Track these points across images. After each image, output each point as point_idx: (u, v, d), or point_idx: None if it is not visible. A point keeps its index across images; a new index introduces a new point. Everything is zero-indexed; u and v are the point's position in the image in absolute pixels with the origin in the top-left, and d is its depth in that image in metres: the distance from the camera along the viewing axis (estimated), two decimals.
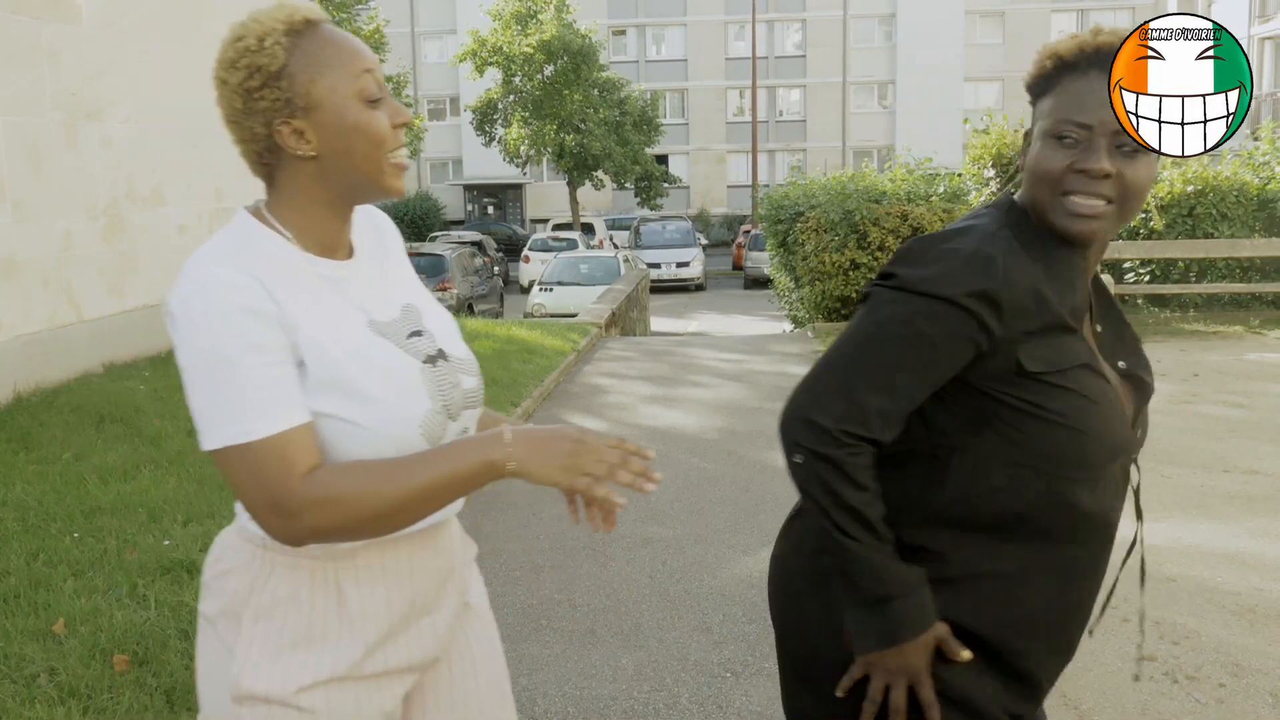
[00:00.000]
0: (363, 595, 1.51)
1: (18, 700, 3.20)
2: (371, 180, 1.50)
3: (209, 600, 1.55)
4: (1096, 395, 1.54)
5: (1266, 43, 31.57)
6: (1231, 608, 4.18)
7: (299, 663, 1.48)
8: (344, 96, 1.47)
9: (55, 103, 8.10)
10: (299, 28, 1.48)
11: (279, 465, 1.37)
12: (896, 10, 45.69)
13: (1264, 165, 12.63)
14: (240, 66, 1.47)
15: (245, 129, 1.50)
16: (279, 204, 1.52)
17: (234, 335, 1.37)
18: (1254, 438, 6.85)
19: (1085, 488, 1.56)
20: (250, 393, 1.37)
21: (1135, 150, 1.53)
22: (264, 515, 1.39)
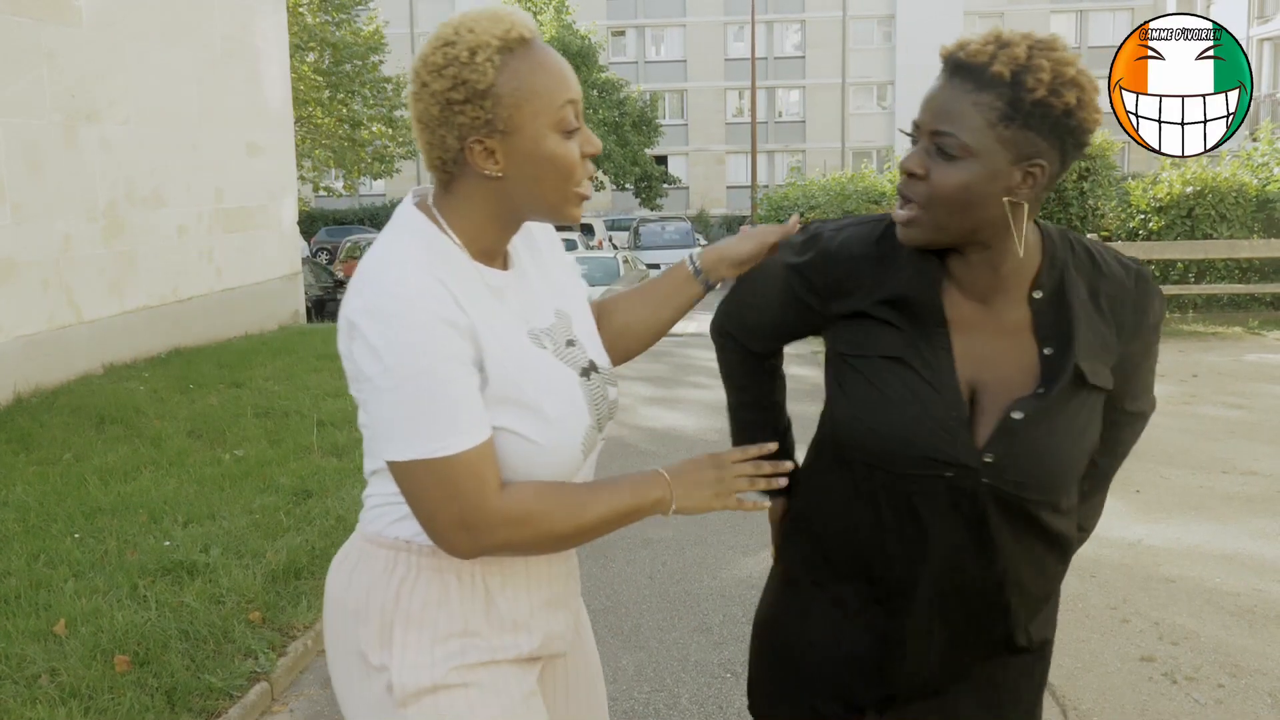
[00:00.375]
0: (508, 598, 1.52)
1: (19, 701, 3.21)
2: (554, 208, 1.48)
3: (359, 629, 1.50)
4: (893, 390, 1.57)
5: (1265, 44, 31.58)
6: (1230, 608, 4.19)
7: (456, 649, 1.48)
8: (544, 126, 1.42)
9: (54, 104, 8.11)
10: (513, 45, 1.41)
11: (475, 482, 1.37)
12: (895, 11, 45.70)
13: (1263, 166, 12.63)
14: (446, 75, 1.40)
15: (435, 136, 1.44)
16: (451, 210, 1.48)
17: (433, 346, 1.35)
18: (1253, 439, 6.86)
19: (885, 482, 1.59)
20: (448, 407, 1.35)
21: (953, 156, 1.46)
22: (451, 531, 1.38)
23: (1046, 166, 1.47)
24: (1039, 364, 1.56)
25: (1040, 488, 1.56)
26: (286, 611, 3.97)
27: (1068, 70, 1.43)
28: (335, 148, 26.10)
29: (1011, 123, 1.43)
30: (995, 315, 1.58)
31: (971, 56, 1.44)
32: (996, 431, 1.54)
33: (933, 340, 1.57)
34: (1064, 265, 1.58)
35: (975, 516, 1.57)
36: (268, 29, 11.90)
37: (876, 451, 1.58)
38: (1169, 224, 12.01)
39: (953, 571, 1.61)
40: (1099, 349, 1.57)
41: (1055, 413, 1.54)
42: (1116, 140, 12.43)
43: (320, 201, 42.61)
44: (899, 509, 1.60)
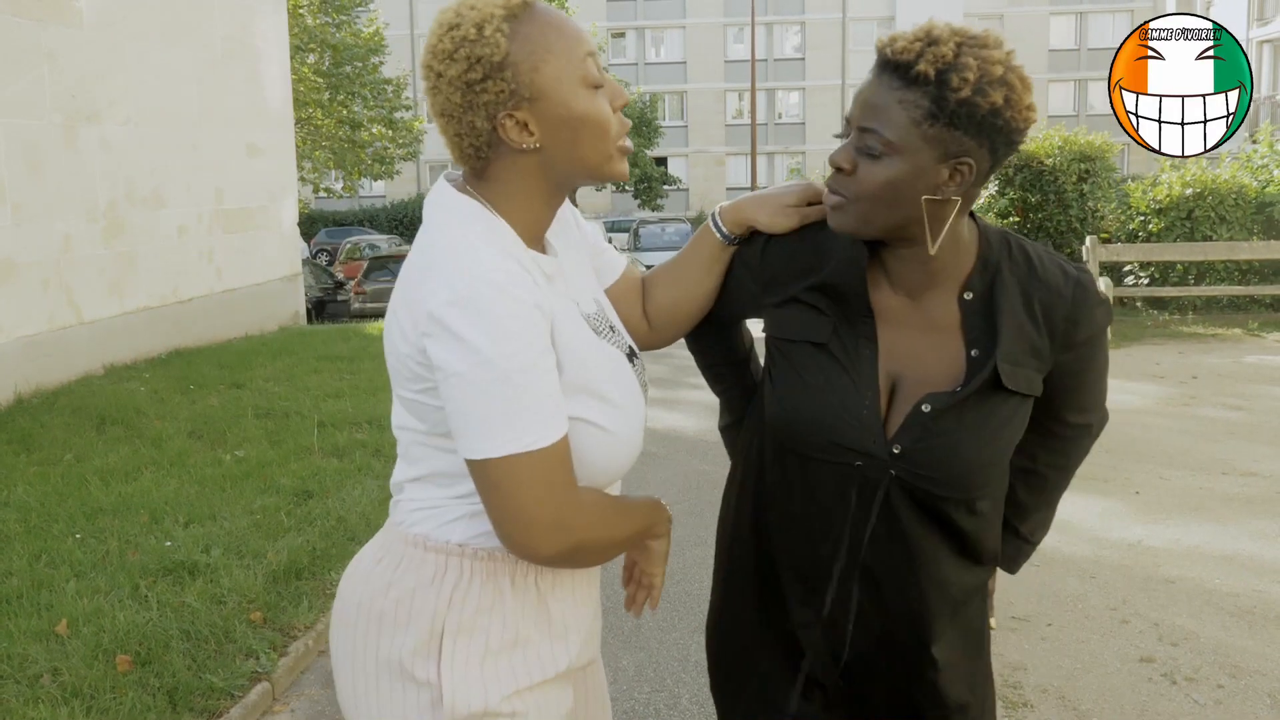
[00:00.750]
0: (559, 599, 1.49)
1: (21, 700, 3.21)
2: (597, 168, 1.43)
3: (396, 637, 1.43)
4: (812, 376, 1.59)
5: (1265, 45, 31.60)
6: (1230, 609, 4.19)
7: (506, 669, 1.43)
8: (569, 84, 1.37)
9: (55, 105, 8.11)
10: (517, 11, 1.37)
11: (564, 474, 1.33)
12: (895, 13, 45.70)
13: (1262, 168, 12.64)
14: (459, 58, 1.35)
15: (464, 123, 1.38)
16: (493, 195, 1.43)
17: (532, 335, 1.30)
18: (1252, 440, 6.86)
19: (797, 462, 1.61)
20: (544, 398, 1.31)
21: (878, 153, 1.46)
22: (544, 530, 1.32)
23: (975, 165, 1.46)
24: (964, 364, 1.56)
25: (949, 484, 1.55)
26: (287, 612, 3.98)
27: (995, 69, 1.42)
28: (335, 149, 26.11)
29: (936, 121, 1.43)
30: (924, 311, 1.59)
31: (899, 54, 1.44)
32: (906, 423, 1.55)
33: (857, 329, 1.59)
34: (998, 268, 1.57)
35: (885, 509, 1.58)
36: (268, 30, 11.91)
37: (792, 435, 1.59)
38: (1169, 226, 12.02)
39: (868, 565, 1.61)
40: (1026, 355, 1.55)
41: (967, 410, 1.54)
42: (1116, 142, 12.45)
43: (320, 203, 42.61)
44: (814, 497, 1.62)
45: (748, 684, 1.77)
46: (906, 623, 1.64)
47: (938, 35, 1.44)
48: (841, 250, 1.61)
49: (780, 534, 1.68)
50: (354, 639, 1.47)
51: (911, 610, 1.63)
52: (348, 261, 25.87)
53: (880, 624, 1.65)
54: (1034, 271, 1.58)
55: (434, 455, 1.44)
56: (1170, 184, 12.11)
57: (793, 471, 1.62)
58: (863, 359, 1.58)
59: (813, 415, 1.58)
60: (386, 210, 41.76)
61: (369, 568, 1.49)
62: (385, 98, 27.22)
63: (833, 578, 1.63)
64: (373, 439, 6.48)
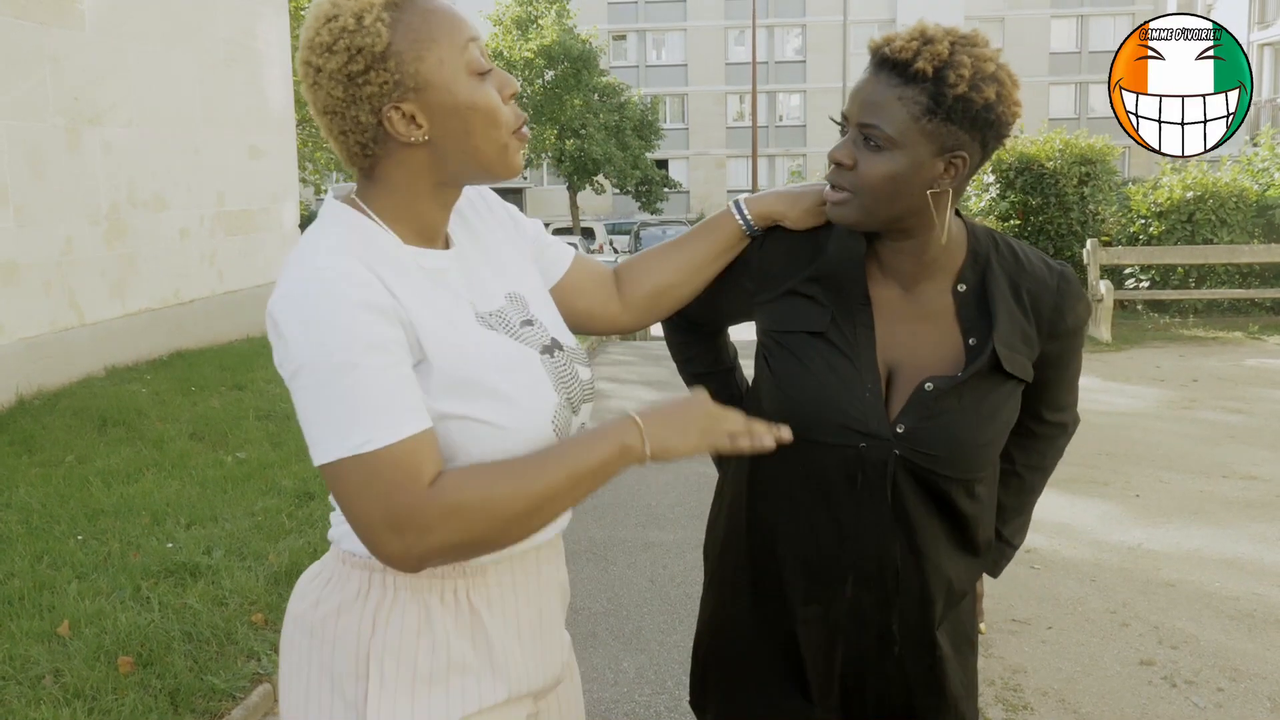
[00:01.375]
0: (495, 616, 1.40)
1: (23, 701, 3.22)
2: (492, 160, 1.37)
3: (325, 654, 1.37)
4: (812, 363, 1.62)
5: (1266, 49, 31.62)
6: (1230, 612, 4.20)
7: (439, 701, 1.35)
8: (453, 71, 1.32)
9: (57, 107, 8.13)
10: (398, 0, 1.32)
11: (402, 476, 1.22)
12: (896, 16, 45.71)
13: (1263, 171, 12.65)
14: (339, 49, 1.29)
15: (348, 119, 1.33)
16: (378, 195, 1.37)
17: (353, 334, 1.23)
18: (1253, 443, 6.87)
19: (800, 450, 1.60)
20: (372, 398, 1.23)
21: (879, 147, 1.52)
22: (383, 535, 1.23)
23: (968, 158, 1.54)
24: (961, 352, 1.62)
25: (951, 462, 1.59)
26: None
27: (987, 66, 1.50)
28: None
29: (934, 116, 1.49)
30: (918, 302, 1.64)
31: (897, 53, 1.50)
32: (909, 403, 1.59)
33: (854, 318, 1.63)
34: (987, 259, 1.64)
35: (890, 492, 1.60)
36: (270, 33, 11.92)
37: (795, 420, 1.60)
38: (1169, 229, 12.02)
39: (871, 555, 1.63)
40: (1018, 340, 1.62)
41: (966, 390, 1.59)
42: (1117, 145, 12.45)
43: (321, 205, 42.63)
44: (817, 486, 1.64)
45: (746, 688, 1.78)
46: (909, 614, 1.66)
47: (932, 35, 1.51)
48: (838, 241, 1.65)
49: (781, 530, 1.69)
50: (290, 653, 1.42)
51: (914, 601, 1.66)
52: None
53: (881, 617, 1.66)
54: (1021, 264, 1.66)
55: None
56: (1171, 187, 12.11)
57: (793, 462, 1.63)
58: (861, 345, 1.62)
59: (816, 398, 1.61)
60: None
61: (307, 582, 1.45)
62: None
63: (838, 569, 1.65)
64: None
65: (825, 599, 1.67)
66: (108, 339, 8.71)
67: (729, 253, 1.73)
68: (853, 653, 1.68)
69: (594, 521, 5.41)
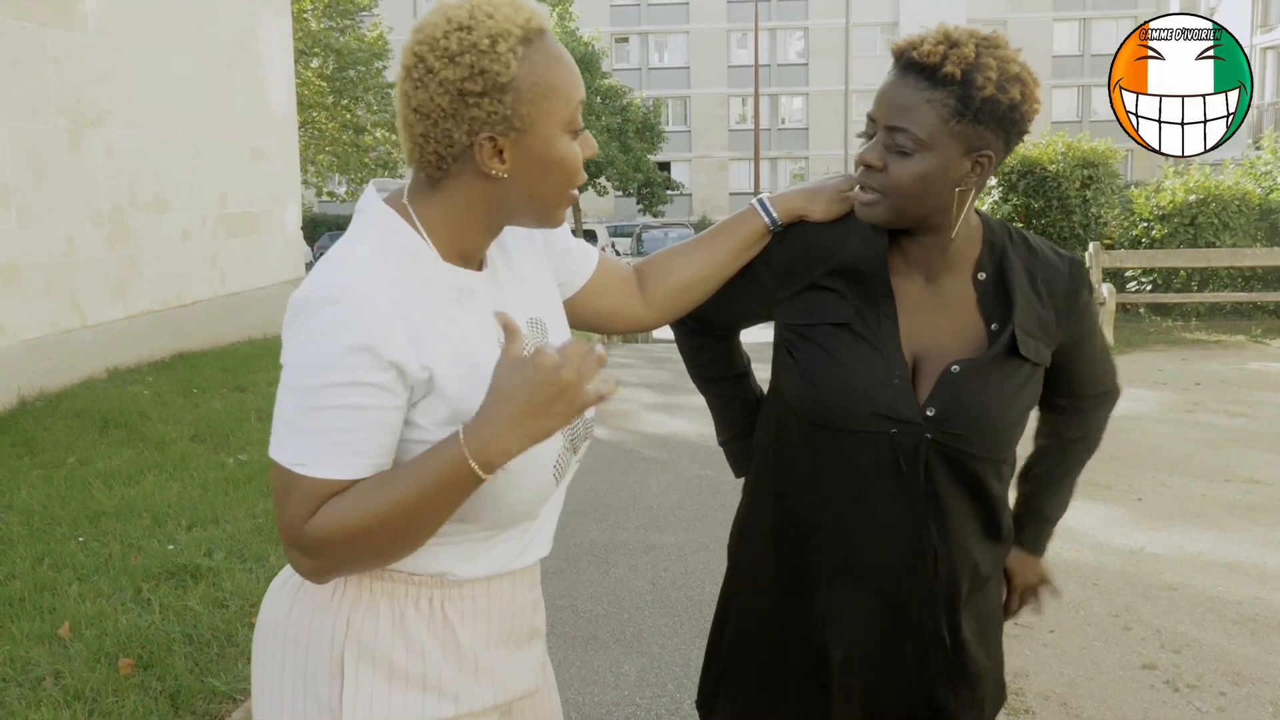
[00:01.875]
0: (467, 628, 1.42)
1: (24, 703, 3.22)
2: (548, 211, 1.40)
3: (299, 658, 1.38)
4: (839, 353, 1.64)
5: (1268, 52, 31.62)
6: (1233, 617, 4.19)
7: (415, 701, 1.38)
8: (556, 126, 1.33)
9: (59, 109, 8.13)
10: (533, 36, 1.30)
11: (303, 508, 1.27)
12: (899, 19, 45.74)
13: (1266, 175, 12.65)
14: (462, 63, 1.27)
15: (439, 128, 1.30)
16: (432, 207, 1.36)
17: (341, 368, 1.25)
18: (1255, 447, 6.86)
19: (830, 440, 1.64)
20: (328, 429, 1.26)
21: (908, 150, 1.55)
22: (287, 547, 1.30)
23: (994, 156, 1.58)
24: (984, 337, 1.66)
25: (980, 441, 1.62)
26: None
27: (1012, 67, 1.54)
28: (338, 153, 26.16)
29: (962, 118, 1.53)
30: (939, 293, 1.68)
31: (925, 57, 1.53)
32: (936, 386, 1.62)
33: (878, 308, 1.65)
34: (1003, 248, 1.69)
35: (922, 478, 1.62)
36: (272, 34, 11.93)
37: (825, 409, 1.64)
38: (1172, 232, 12.02)
39: (903, 541, 1.65)
40: (1036, 326, 1.66)
41: (989, 372, 1.63)
42: (1119, 148, 12.45)
43: (324, 206, 42.66)
44: (848, 476, 1.65)
45: (768, 689, 1.78)
46: (937, 599, 1.68)
47: (957, 38, 1.54)
48: (859, 236, 1.67)
49: (810, 523, 1.70)
50: (263, 659, 1.43)
51: (942, 587, 1.68)
52: None
53: (909, 603, 1.68)
54: (1034, 252, 1.71)
55: None
56: (1173, 190, 12.11)
57: (824, 453, 1.66)
58: (886, 335, 1.64)
59: (845, 386, 1.63)
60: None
61: (278, 587, 1.46)
62: (389, 102, 27.24)
63: (869, 558, 1.66)
64: None
65: (854, 589, 1.68)
66: (109, 340, 8.71)
67: (750, 250, 1.75)
68: (877, 645, 1.70)
69: (595, 524, 5.41)
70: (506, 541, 1.44)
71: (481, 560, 1.42)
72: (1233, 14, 31.42)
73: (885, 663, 1.71)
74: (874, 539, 1.65)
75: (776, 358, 1.75)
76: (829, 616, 1.70)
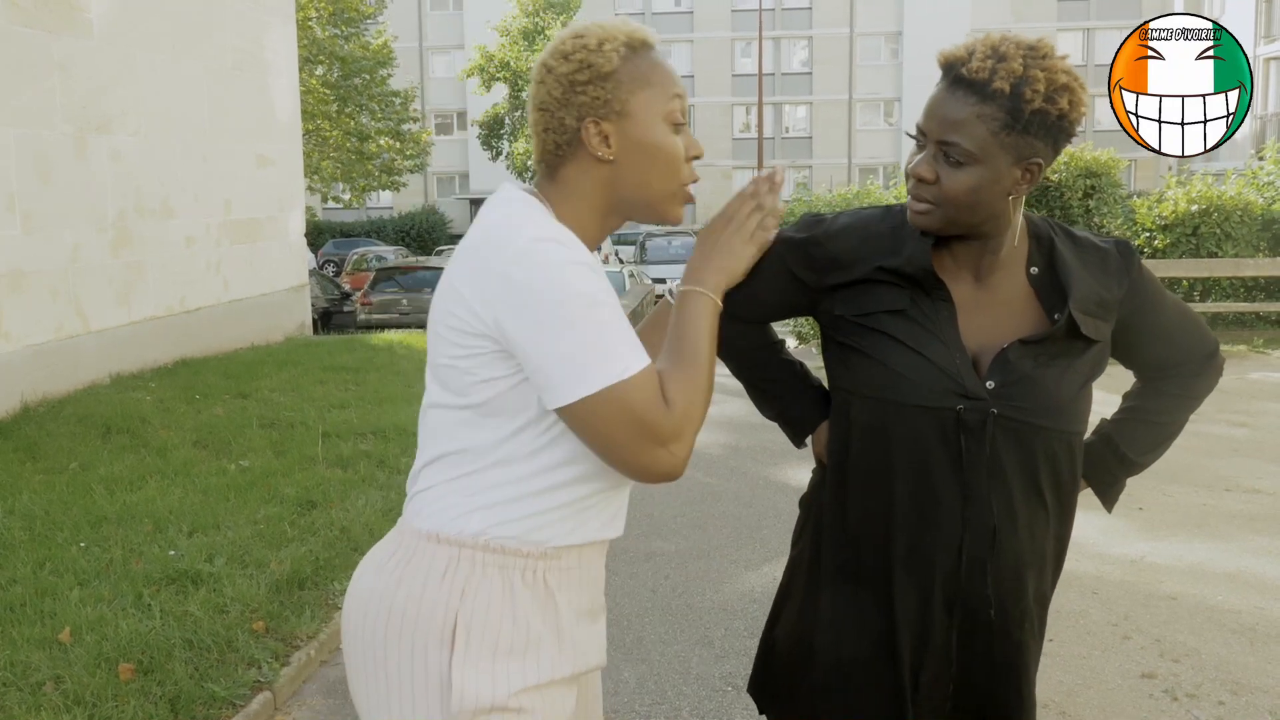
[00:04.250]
0: (566, 594, 1.53)
1: (24, 708, 3.22)
2: (657, 201, 1.58)
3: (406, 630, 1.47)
4: (901, 335, 1.68)
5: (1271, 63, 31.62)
6: (1232, 626, 4.19)
7: (516, 669, 1.47)
8: (655, 114, 1.54)
9: (65, 115, 8.16)
10: (637, 45, 1.54)
11: (654, 397, 1.42)
12: (903, 28, 45.79)
13: (1268, 185, 12.64)
14: (573, 59, 1.51)
15: (555, 118, 1.53)
16: (556, 196, 1.55)
17: (592, 280, 1.41)
18: (1256, 457, 6.86)
19: (900, 416, 1.67)
20: (618, 332, 1.41)
21: (960, 163, 1.59)
22: (652, 453, 1.42)
23: (1043, 163, 1.62)
24: (1047, 327, 1.68)
25: (1045, 411, 1.65)
26: (290, 621, 3.98)
27: (1060, 78, 1.57)
28: (343, 160, 26.21)
29: (1012, 130, 1.57)
30: (992, 291, 1.71)
31: (974, 73, 1.57)
32: (994, 362, 1.66)
33: (934, 298, 1.69)
34: (1051, 242, 1.73)
35: (992, 454, 1.64)
36: (277, 42, 11.97)
37: (894, 385, 1.66)
38: (1174, 242, 12.01)
39: (972, 521, 1.66)
40: (1094, 306, 1.69)
41: (1046, 347, 1.66)
42: (1122, 158, 12.45)
43: (328, 213, 42.72)
44: (915, 456, 1.67)
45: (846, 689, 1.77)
46: (1005, 583, 1.70)
47: (1005, 51, 1.57)
48: (910, 242, 1.71)
49: (879, 508, 1.71)
50: (364, 632, 1.51)
51: (1009, 569, 1.70)
52: (354, 272, 25.92)
53: (978, 588, 1.69)
54: (1079, 241, 1.76)
55: (458, 431, 1.50)
56: (1176, 200, 12.11)
57: (892, 434, 1.68)
58: (944, 321, 1.67)
59: (911, 364, 1.66)
60: (394, 221, 41.85)
61: (381, 561, 1.54)
62: (393, 110, 27.34)
63: (939, 538, 1.68)
64: (377, 450, 6.50)
65: (925, 572, 1.69)
66: (113, 347, 8.73)
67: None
68: (947, 634, 1.71)
69: None
70: (602, 511, 1.56)
71: (579, 530, 1.53)
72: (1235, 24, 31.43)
73: (954, 656, 1.73)
74: (943, 518, 1.67)
75: (829, 352, 1.79)
76: (900, 599, 1.71)
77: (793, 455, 6.78)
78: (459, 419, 1.49)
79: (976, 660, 1.73)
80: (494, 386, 1.45)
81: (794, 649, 1.84)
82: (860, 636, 1.75)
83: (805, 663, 1.81)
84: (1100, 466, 1.90)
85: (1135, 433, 1.92)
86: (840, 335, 1.74)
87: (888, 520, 1.71)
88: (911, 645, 1.71)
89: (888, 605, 1.72)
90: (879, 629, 1.73)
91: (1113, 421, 1.94)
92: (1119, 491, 1.95)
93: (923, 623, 1.71)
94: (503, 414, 1.46)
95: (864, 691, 1.75)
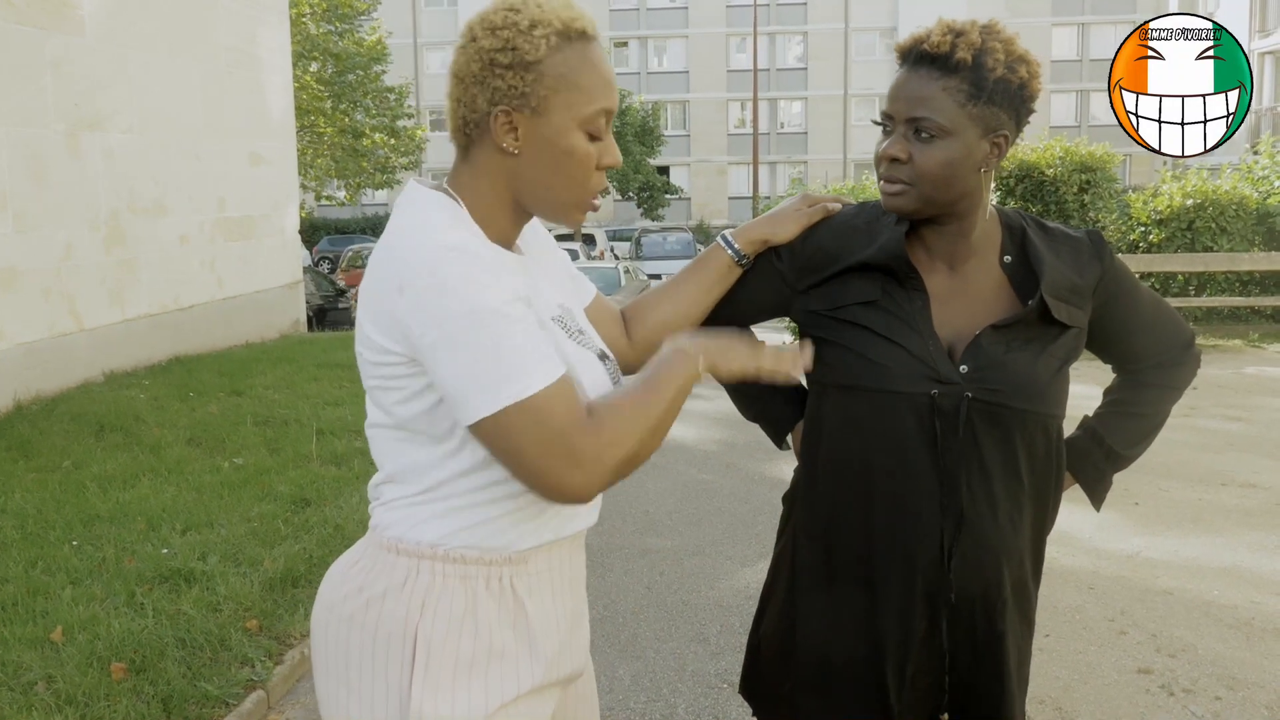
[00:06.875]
0: (535, 603, 1.47)
1: (15, 708, 3.21)
2: (559, 205, 1.46)
3: (365, 640, 1.42)
4: (873, 325, 1.68)
5: (1266, 57, 31.65)
6: (1228, 621, 4.18)
7: (479, 687, 1.41)
8: (572, 120, 1.41)
9: (58, 114, 8.13)
10: (574, 35, 1.40)
11: (569, 412, 1.31)
12: (898, 23, 45.77)
13: (1263, 179, 12.65)
14: (499, 35, 1.38)
15: (468, 93, 1.41)
16: (469, 184, 1.45)
17: (494, 291, 1.30)
18: (1252, 452, 6.86)
19: (874, 404, 1.67)
20: (524, 344, 1.30)
21: (931, 136, 1.61)
22: (565, 473, 1.30)
23: (1009, 136, 1.65)
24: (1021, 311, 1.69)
25: (1019, 393, 1.65)
26: (284, 620, 3.97)
27: (1016, 49, 1.62)
28: (337, 157, 26.16)
29: (978, 100, 1.60)
30: (965, 280, 1.73)
31: (935, 47, 1.60)
32: (968, 348, 1.66)
33: (906, 288, 1.69)
34: (1023, 231, 1.75)
35: (968, 439, 1.64)
36: (271, 39, 11.94)
37: (868, 371, 1.67)
38: (1169, 236, 12.02)
39: (950, 508, 1.65)
40: (1067, 292, 1.70)
41: (1019, 331, 1.67)
42: (1117, 153, 12.45)
43: (322, 210, 42.68)
44: (892, 444, 1.67)
45: (839, 690, 1.76)
46: (986, 571, 1.69)
47: (961, 27, 1.62)
48: (883, 234, 1.72)
49: (857, 500, 1.71)
50: (326, 641, 1.47)
51: (991, 558, 1.69)
52: (349, 269, 25.88)
53: (957, 577, 1.68)
54: (1051, 231, 1.78)
55: (397, 450, 1.45)
56: (1171, 195, 12.11)
57: (867, 424, 1.68)
58: (917, 310, 1.68)
59: (885, 352, 1.67)
60: (388, 218, 41.74)
61: (344, 570, 1.49)
62: (388, 106, 27.27)
63: (917, 528, 1.67)
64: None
65: (905, 562, 1.68)
66: (106, 345, 8.71)
67: (723, 284, 1.81)
68: (930, 625, 1.70)
69: (591, 528, 5.39)
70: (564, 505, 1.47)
71: (543, 529, 1.47)
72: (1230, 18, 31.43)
73: (930, 646, 1.72)
74: (921, 506, 1.66)
75: (813, 338, 1.77)
76: (881, 594, 1.70)
77: (789, 452, 6.78)
78: (397, 437, 1.44)
79: (959, 650, 1.72)
80: (422, 400, 1.38)
81: (778, 648, 1.82)
82: (842, 632, 1.74)
83: (789, 661, 1.80)
84: (1086, 462, 1.90)
85: (1119, 426, 1.93)
86: (814, 330, 1.75)
87: (866, 511, 1.70)
88: (895, 638, 1.70)
89: (869, 598, 1.71)
90: (861, 624, 1.72)
91: (1096, 416, 1.94)
92: (1106, 488, 1.94)
93: (905, 614, 1.69)
94: (438, 427, 1.40)
95: (848, 688, 1.74)
